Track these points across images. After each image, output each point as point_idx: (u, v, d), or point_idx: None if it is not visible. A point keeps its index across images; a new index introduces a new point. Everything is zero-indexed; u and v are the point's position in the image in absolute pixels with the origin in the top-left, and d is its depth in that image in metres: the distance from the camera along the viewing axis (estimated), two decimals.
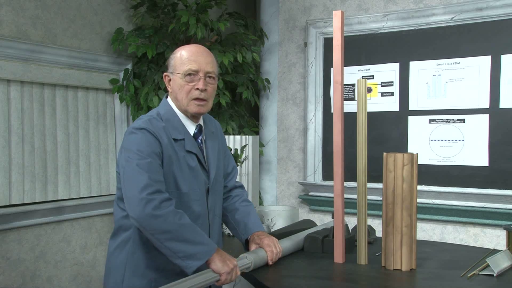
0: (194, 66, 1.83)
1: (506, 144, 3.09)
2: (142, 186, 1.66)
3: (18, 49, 2.89)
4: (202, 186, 1.88)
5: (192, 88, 1.83)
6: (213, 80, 1.88)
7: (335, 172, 2.10)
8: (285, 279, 1.90)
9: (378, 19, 3.47)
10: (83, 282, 3.30)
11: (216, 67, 1.91)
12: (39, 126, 3.04)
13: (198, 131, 1.93)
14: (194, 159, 1.86)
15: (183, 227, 1.67)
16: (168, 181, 1.78)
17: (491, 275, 1.87)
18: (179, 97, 1.86)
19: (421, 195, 3.28)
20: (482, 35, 3.16)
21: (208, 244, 1.71)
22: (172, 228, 1.65)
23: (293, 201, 3.90)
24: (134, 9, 3.53)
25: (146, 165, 1.70)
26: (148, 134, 1.76)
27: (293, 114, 3.90)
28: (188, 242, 1.67)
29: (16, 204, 2.91)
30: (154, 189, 1.67)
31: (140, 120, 1.84)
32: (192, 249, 1.67)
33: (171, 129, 1.84)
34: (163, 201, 1.67)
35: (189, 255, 1.67)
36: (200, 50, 1.88)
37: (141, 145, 1.73)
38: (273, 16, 3.96)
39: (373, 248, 2.32)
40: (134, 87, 3.45)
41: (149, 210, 1.64)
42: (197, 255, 1.67)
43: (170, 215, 1.66)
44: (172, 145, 1.81)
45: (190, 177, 1.84)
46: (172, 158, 1.80)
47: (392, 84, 3.46)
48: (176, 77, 1.86)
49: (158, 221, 1.64)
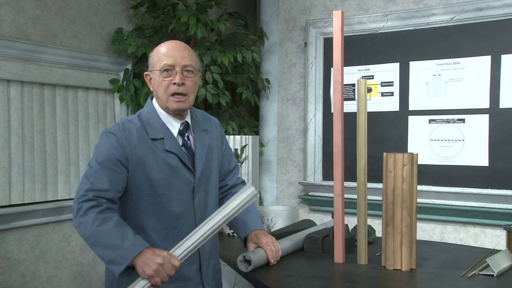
0: (170, 61, 1.81)
1: (506, 144, 3.09)
2: (78, 196, 1.70)
3: (18, 49, 2.89)
4: (185, 186, 1.84)
5: (170, 83, 1.82)
6: (192, 74, 1.85)
7: (335, 172, 2.10)
8: (285, 279, 1.90)
9: (378, 19, 3.47)
10: (83, 282, 3.30)
11: (195, 61, 1.87)
12: (39, 126, 3.04)
13: (184, 128, 1.89)
14: (174, 158, 1.82)
15: (99, 232, 1.63)
16: (142, 184, 1.77)
17: (491, 275, 1.87)
18: (159, 94, 1.85)
19: (421, 195, 3.28)
20: (482, 35, 3.16)
21: (126, 248, 1.60)
22: (89, 234, 1.65)
23: (293, 201, 3.90)
24: (134, 9, 3.53)
25: (92, 174, 1.72)
26: (113, 140, 1.76)
27: (293, 114, 3.90)
28: (107, 248, 1.63)
29: (16, 204, 2.91)
30: (87, 198, 1.68)
31: (116, 123, 1.85)
32: (110, 254, 1.63)
33: (150, 129, 1.82)
34: (89, 208, 1.67)
35: (110, 260, 1.64)
36: (176, 45, 1.87)
37: (101, 152, 1.76)
38: (273, 16, 3.96)
39: (373, 248, 2.32)
40: (134, 87, 3.45)
41: (76, 218, 1.68)
42: (116, 260, 1.61)
43: (90, 221, 1.64)
44: (148, 146, 1.79)
45: (170, 177, 1.80)
46: (145, 159, 1.78)
47: (392, 84, 3.46)
48: (155, 75, 1.85)
49: (81, 228, 1.66)
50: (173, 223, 1.80)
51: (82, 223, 1.66)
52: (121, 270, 1.61)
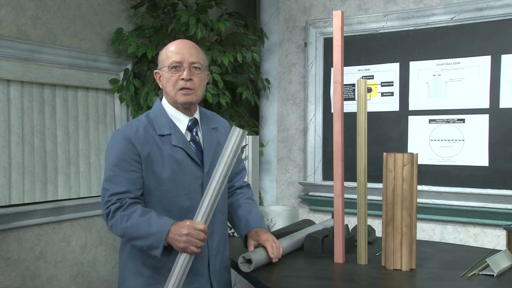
0: (177, 57, 1.88)
1: (506, 144, 3.09)
2: (104, 203, 1.83)
3: (18, 49, 2.89)
4: (192, 180, 1.88)
5: (178, 79, 1.88)
6: (199, 71, 1.91)
7: (335, 172, 2.10)
8: (285, 279, 1.90)
9: (378, 19, 3.48)
10: (83, 282, 3.30)
11: (203, 58, 1.94)
12: (39, 126, 3.04)
13: (193, 124, 1.95)
14: (181, 152, 1.88)
15: (128, 229, 1.77)
16: (149, 179, 1.85)
17: (491, 275, 1.87)
18: (168, 90, 1.92)
19: (421, 195, 3.28)
20: (482, 35, 3.16)
21: (155, 234, 1.74)
22: (122, 233, 1.80)
23: (293, 201, 3.90)
24: (134, 9, 3.53)
25: (110, 178, 1.83)
26: (121, 140, 1.85)
27: (293, 114, 3.90)
28: (140, 239, 1.77)
29: (16, 204, 2.91)
30: (111, 202, 1.80)
31: (124, 124, 1.95)
32: (145, 242, 1.76)
33: (158, 125, 1.90)
34: (115, 210, 1.79)
35: (148, 247, 1.77)
36: (184, 43, 1.94)
37: (113, 155, 1.85)
38: (273, 16, 3.96)
39: (373, 248, 2.32)
40: (134, 87, 3.45)
41: (108, 222, 1.82)
42: (152, 246, 1.75)
43: (118, 221, 1.78)
44: (155, 142, 1.86)
45: (177, 171, 1.86)
46: (153, 154, 1.85)
47: (392, 84, 3.46)
48: (164, 72, 1.92)
49: (114, 229, 1.82)
50: (182, 217, 1.83)
51: (113, 225, 1.80)
52: (160, 252, 1.74)
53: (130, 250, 1.90)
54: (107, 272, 3.46)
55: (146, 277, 1.86)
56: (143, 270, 1.87)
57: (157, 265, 1.86)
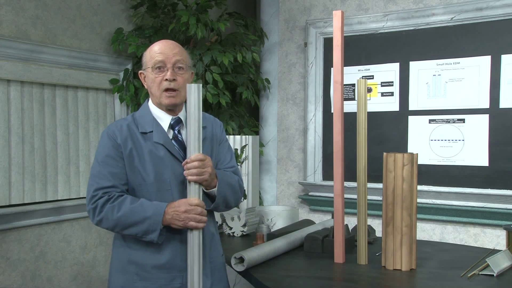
0: (160, 57, 1.89)
1: (506, 144, 3.09)
2: (89, 198, 1.85)
3: (18, 49, 2.89)
4: (174, 177, 1.89)
5: (162, 80, 1.89)
6: (183, 71, 1.92)
7: (335, 172, 2.10)
8: (285, 279, 1.90)
9: (378, 19, 3.48)
10: (83, 282, 3.30)
11: (186, 58, 1.95)
12: (39, 126, 3.04)
13: (175, 122, 1.96)
14: (162, 149, 1.89)
15: (121, 218, 1.79)
16: (132, 175, 1.87)
17: (491, 275, 1.87)
18: (153, 91, 1.93)
19: (421, 195, 3.28)
20: (482, 35, 3.16)
21: (151, 217, 1.78)
22: (115, 224, 1.81)
23: (293, 201, 3.90)
24: (134, 9, 3.53)
25: (96, 174, 1.86)
26: (106, 137, 1.89)
27: (293, 114, 3.90)
28: (136, 225, 1.79)
29: (16, 204, 2.91)
30: (98, 196, 1.83)
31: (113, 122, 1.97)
32: (141, 227, 1.79)
33: (141, 124, 1.92)
34: (103, 204, 1.81)
35: (144, 232, 1.79)
36: (167, 43, 1.95)
37: (99, 152, 1.89)
38: (273, 16, 3.96)
39: (373, 248, 2.32)
40: (134, 87, 3.45)
41: (94, 218, 1.83)
42: (149, 229, 1.78)
43: (109, 213, 1.80)
44: (138, 139, 1.89)
45: (158, 168, 1.88)
46: (134, 151, 1.87)
47: (392, 84, 3.46)
48: (148, 72, 1.93)
49: (103, 223, 1.82)
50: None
51: (102, 219, 1.81)
52: (157, 235, 1.77)
53: (117, 246, 1.92)
54: (107, 272, 3.44)
55: (131, 273, 1.87)
56: (128, 267, 1.88)
57: (141, 261, 1.86)
